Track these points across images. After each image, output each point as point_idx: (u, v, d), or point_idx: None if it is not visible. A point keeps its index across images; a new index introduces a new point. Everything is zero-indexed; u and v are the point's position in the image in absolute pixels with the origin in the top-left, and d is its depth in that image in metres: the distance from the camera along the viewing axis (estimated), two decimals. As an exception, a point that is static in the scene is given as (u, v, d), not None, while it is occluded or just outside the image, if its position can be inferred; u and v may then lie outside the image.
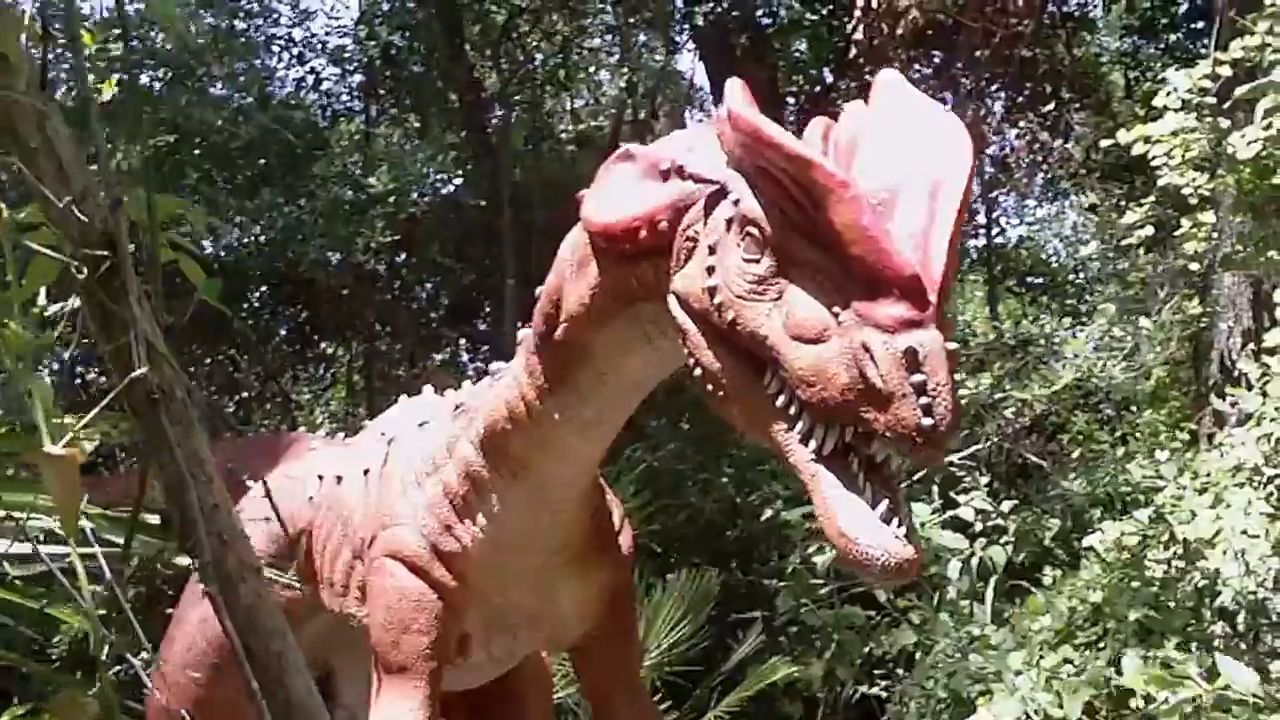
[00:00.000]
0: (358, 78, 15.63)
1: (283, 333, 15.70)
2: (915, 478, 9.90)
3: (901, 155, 2.67)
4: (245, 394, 15.43)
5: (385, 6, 15.17)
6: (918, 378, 2.43)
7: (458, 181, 14.60)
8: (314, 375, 16.85)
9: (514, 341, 3.86)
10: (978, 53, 13.53)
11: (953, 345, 2.53)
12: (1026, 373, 10.54)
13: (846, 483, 2.58)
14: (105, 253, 2.30)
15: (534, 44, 15.44)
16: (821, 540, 8.50)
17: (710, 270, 2.82)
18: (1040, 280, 16.55)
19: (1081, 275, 16.11)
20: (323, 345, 16.32)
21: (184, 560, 2.45)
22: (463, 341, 16.71)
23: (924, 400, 2.42)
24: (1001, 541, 8.75)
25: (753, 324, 2.69)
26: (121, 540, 2.54)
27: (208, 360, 14.84)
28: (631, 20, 13.71)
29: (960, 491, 8.98)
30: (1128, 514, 8.01)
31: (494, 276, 14.08)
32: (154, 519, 2.67)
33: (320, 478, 4.82)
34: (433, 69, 15.10)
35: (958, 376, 2.59)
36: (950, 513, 8.62)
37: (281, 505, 4.84)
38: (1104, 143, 9.14)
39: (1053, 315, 12.39)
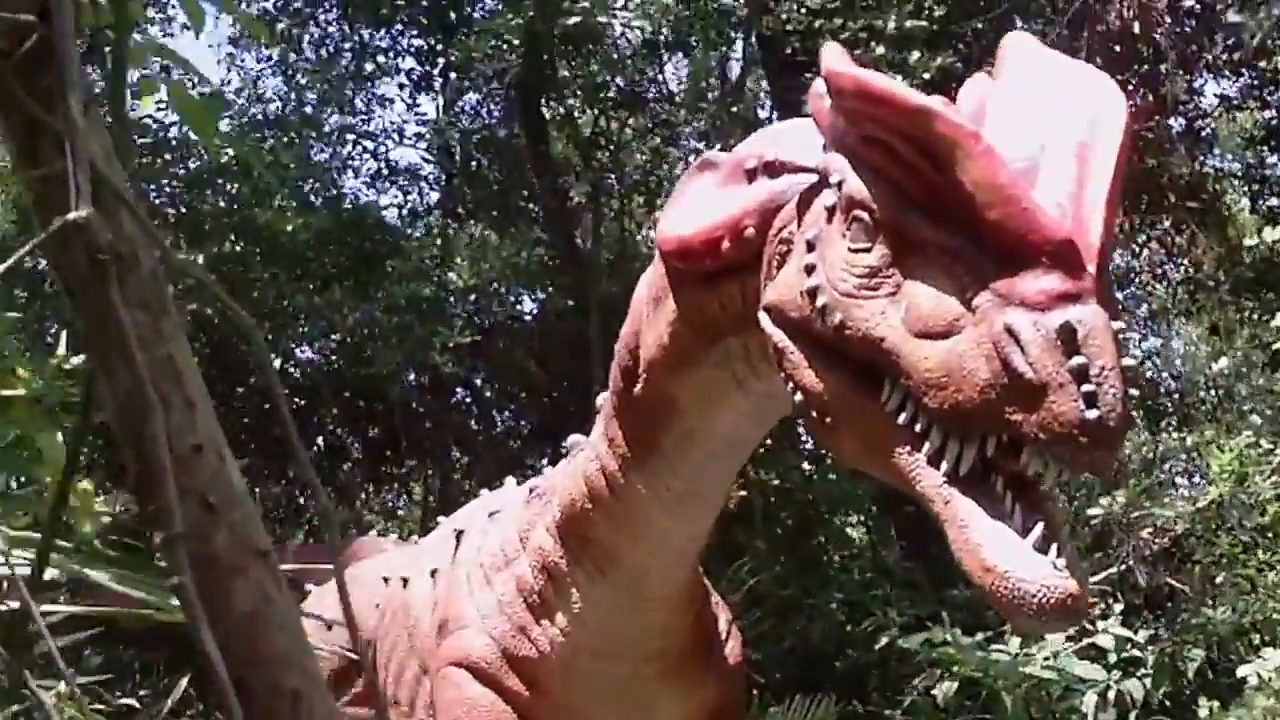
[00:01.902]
0: (434, 170, 15.57)
1: (356, 454, 15.33)
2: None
3: (1038, 120, 2.23)
4: (314, 517, 15.03)
5: (465, 120, 15.12)
6: (1077, 361, 1.95)
7: (541, 295, 14.34)
8: (386, 501, 16.46)
9: None
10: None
11: (1118, 324, 2.04)
12: (1163, 491, 9.90)
13: (989, 508, 2.11)
14: (31, 18, 1.49)
15: (624, 150, 15.21)
16: (943, 672, 7.91)
17: (810, 269, 2.38)
18: (1165, 403, 15.80)
19: (1213, 392, 15.39)
20: (397, 467, 15.84)
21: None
22: (546, 463, 16.09)
23: (1087, 388, 1.94)
24: (1139, 674, 8.07)
25: (865, 325, 2.23)
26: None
27: (275, 484, 14.50)
28: (719, 123, 13.42)
29: (1093, 621, 8.30)
30: (1285, 643, 7.33)
31: (580, 393, 13.64)
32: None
33: (386, 580, 4.36)
34: (515, 177, 14.93)
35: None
36: (1086, 640, 7.92)
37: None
38: (1248, 241, 8.67)
39: (1187, 433, 11.69)
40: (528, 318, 14.92)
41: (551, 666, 3.55)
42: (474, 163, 15.04)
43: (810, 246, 2.41)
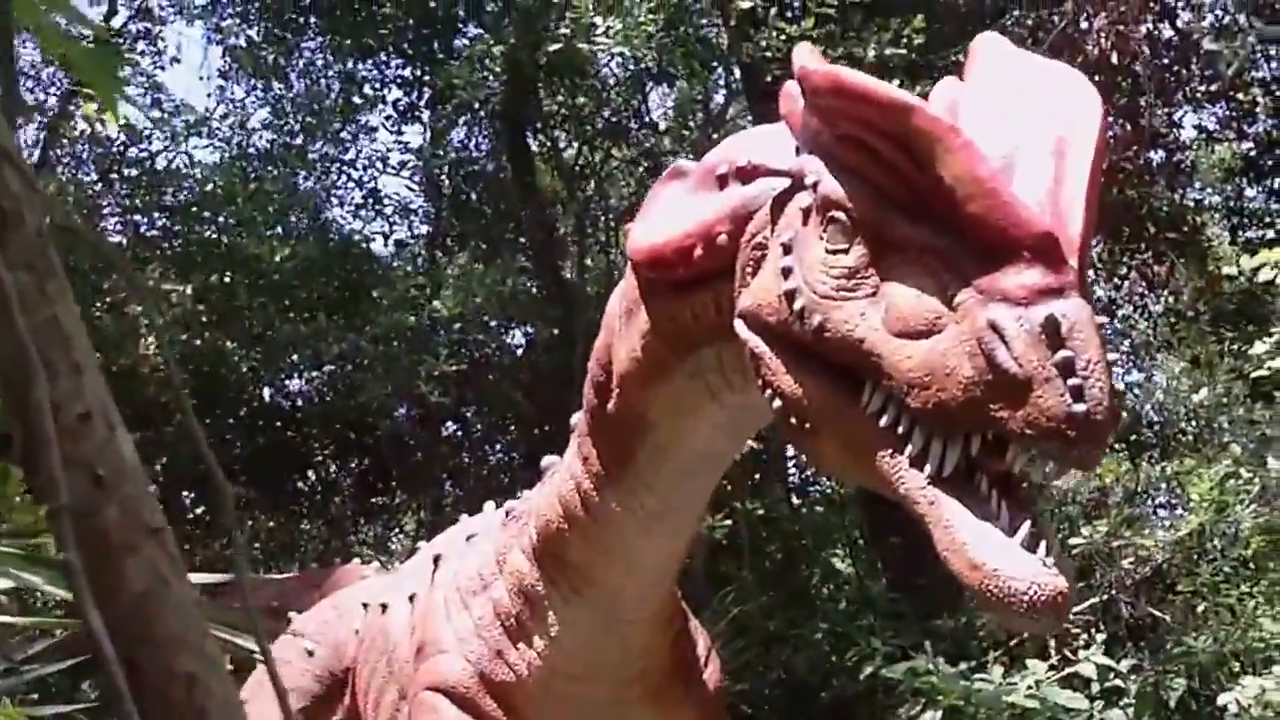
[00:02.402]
0: (420, 201, 15.57)
1: (347, 486, 15.26)
2: (1028, 634, 9.23)
3: (1012, 118, 2.23)
4: (306, 548, 14.96)
5: (451, 152, 15.14)
6: (1062, 355, 1.95)
7: (529, 329, 14.32)
8: (377, 534, 16.40)
9: None
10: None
11: (1102, 319, 2.05)
12: (1145, 521, 9.89)
13: (975, 508, 2.09)
14: None
15: (609, 181, 15.22)
16: (926, 701, 7.88)
17: (786, 272, 2.37)
18: (1148, 434, 15.81)
19: (1194, 423, 15.38)
20: (388, 499, 15.77)
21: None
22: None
23: (1073, 382, 1.94)
24: (1121, 704, 8.05)
25: (844, 327, 2.22)
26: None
27: (267, 516, 14.44)
28: (703, 152, 13.41)
29: (1075, 650, 8.30)
30: (1267, 670, 7.31)
31: (569, 425, 13.60)
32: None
33: (365, 606, 4.34)
34: (502, 209, 14.93)
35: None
36: (1069, 669, 7.90)
37: (325, 640, 4.39)
38: (1226, 269, 8.71)
39: (1167, 463, 11.70)
40: (517, 350, 14.88)
41: (529, 690, 3.51)
42: (462, 196, 15.05)
43: (786, 249, 2.40)
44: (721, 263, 2.59)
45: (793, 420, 2.39)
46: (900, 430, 2.17)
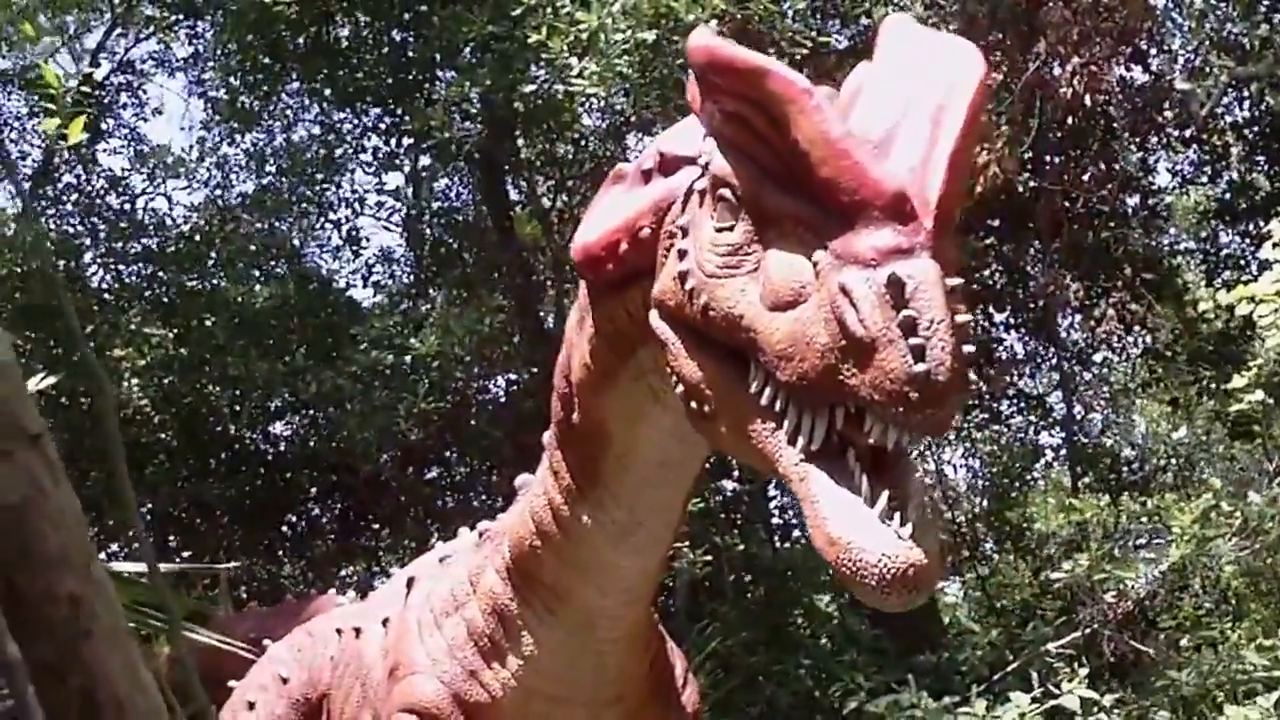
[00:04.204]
0: (400, 248, 15.65)
1: (329, 528, 15.18)
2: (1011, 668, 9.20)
3: (902, 91, 2.22)
4: (288, 589, 14.85)
5: (434, 202, 15.17)
6: (906, 315, 1.92)
7: (511, 375, 14.30)
8: (360, 572, 16.33)
9: None
10: (1054, 240, 13.21)
11: (955, 281, 2.00)
12: (1126, 556, 9.88)
13: (844, 483, 2.06)
14: None
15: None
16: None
17: (682, 254, 2.38)
18: (1127, 473, 15.82)
19: (1174, 461, 15.42)
20: (370, 540, 15.71)
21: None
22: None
23: (914, 342, 1.91)
24: (1106, 738, 8.01)
25: (726, 304, 2.23)
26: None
27: (252, 558, 14.35)
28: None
29: (1058, 684, 8.26)
30: (1250, 701, 7.29)
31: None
32: None
33: (339, 632, 4.29)
34: (483, 256, 14.95)
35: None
36: (1051, 702, 7.86)
37: (300, 668, 4.35)
38: (1202, 305, 8.76)
39: (1148, 499, 11.71)
40: (500, 396, 14.86)
41: (503, 711, 3.46)
42: (442, 242, 15.09)
43: (684, 232, 2.41)
44: (648, 258, 2.57)
45: (693, 405, 2.39)
46: (778, 407, 2.15)
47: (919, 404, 1.92)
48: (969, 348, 1.99)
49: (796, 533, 14.23)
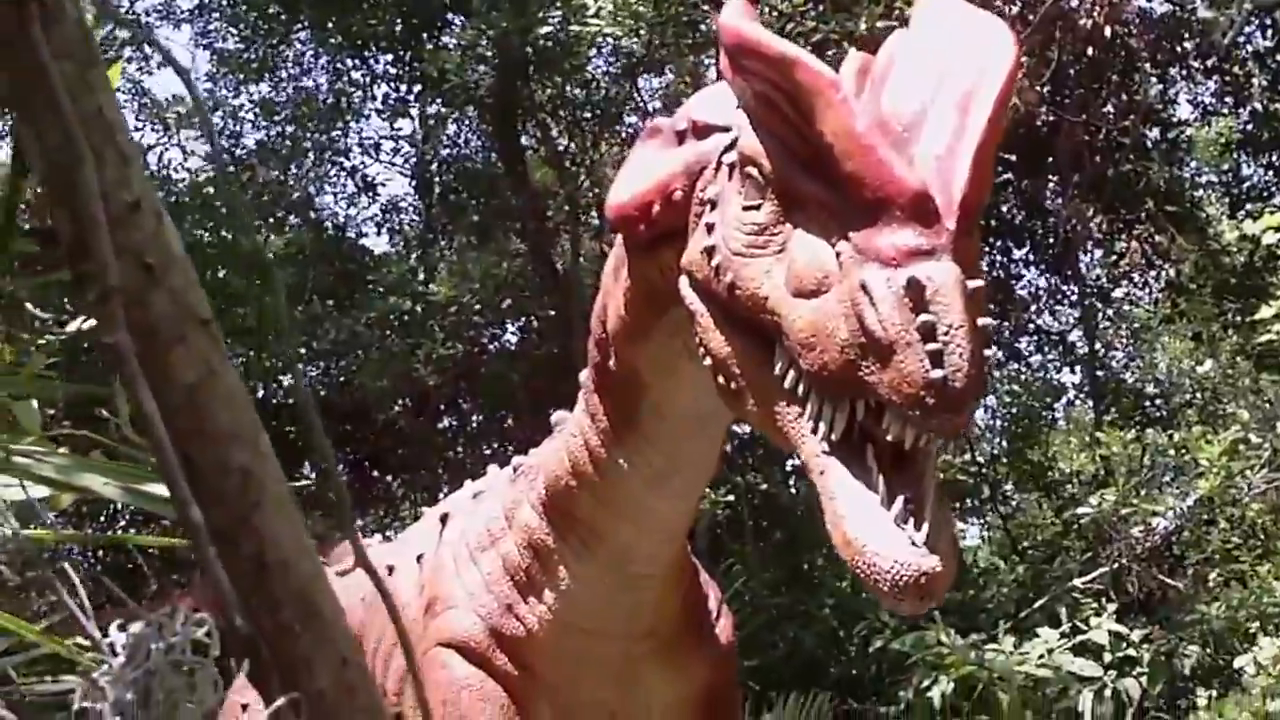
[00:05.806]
0: (412, 194, 15.57)
1: (344, 476, 15.22)
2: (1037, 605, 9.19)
3: (935, 71, 2.17)
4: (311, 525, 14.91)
5: (443, 149, 15.08)
6: (925, 319, 1.90)
7: (524, 320, 14.26)
8: (376, 520, 16.41)
9: None
10: (1075, 174, 13.09)
11: (976, 283, 1.97)
12: (1152, 489, 9.82)
13: (863, 479, 2.04)
14: None
15: (601, 167, 15.16)
16: (938, 673, 7.83)
17: (710, 228, 2.35)
18: (1151, 408, 15.73)
19: (1200, 395, 15.31)
20: (385, 488, 15.74)
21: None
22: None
23: (931, 347, 1.89)
24: (1135, 673, 8.00)
25: (752, 285, 2.20)
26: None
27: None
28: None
29: (1086, 620, 8.26)
30: (1282, 633, 7.29)
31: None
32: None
33: (371, 570, 4.25)
34: (495, 203, 14.89)
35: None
36: (1080, 637, 7.85)
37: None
38: (1226, 237, 8.68)
39: (1174, 431, 11.65)
40: (513, 340, 14.84)
41: (540, 645, 3.43)
42: (454, 188, 15.02)
43: (712, 205, 2.38)
44: (681, 219, 2.54)
45: (720, 379, 2.36)
46: (800, 391, 2.13)
47: (935, 409, 1.91)
48: (988, 352, 1.98)
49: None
